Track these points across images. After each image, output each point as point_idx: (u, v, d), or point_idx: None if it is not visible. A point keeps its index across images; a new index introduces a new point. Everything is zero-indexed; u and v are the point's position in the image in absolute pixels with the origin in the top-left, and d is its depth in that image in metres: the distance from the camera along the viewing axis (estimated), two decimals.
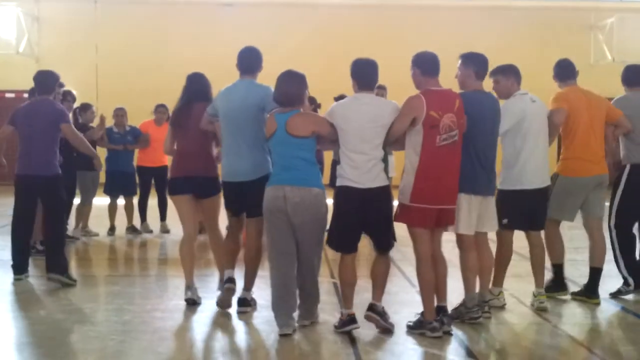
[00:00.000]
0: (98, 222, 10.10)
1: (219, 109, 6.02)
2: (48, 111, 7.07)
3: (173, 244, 8.49)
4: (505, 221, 6.09)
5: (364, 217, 5.38)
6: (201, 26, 18.75)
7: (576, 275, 7.72)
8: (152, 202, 10.47)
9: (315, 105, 9.30)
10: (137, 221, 10.32)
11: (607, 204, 6.83)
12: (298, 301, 5.59)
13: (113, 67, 17.94)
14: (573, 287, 6.82)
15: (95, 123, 9.83)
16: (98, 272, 8.04)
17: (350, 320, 5.45)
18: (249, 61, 6.09)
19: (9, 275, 7.26)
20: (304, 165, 5.40)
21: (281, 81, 5.49)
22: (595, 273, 6.55)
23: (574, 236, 11.20)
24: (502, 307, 6.21)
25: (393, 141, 5.43)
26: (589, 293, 6.53)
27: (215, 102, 6.09)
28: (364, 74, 5.44)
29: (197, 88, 6.39)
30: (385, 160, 5.50)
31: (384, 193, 5.40)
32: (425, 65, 5.45)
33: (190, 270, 6.38)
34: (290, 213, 5.35)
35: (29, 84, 7.54)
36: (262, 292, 6.46)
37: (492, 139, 5.82)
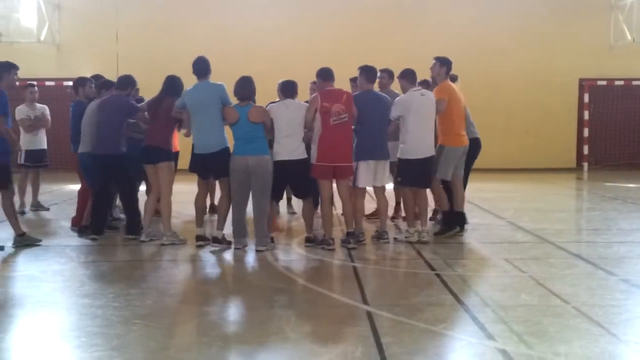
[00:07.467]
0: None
1: (187, 103, 8.08)
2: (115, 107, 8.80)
3: (189, 230, 8.54)
4: (399, 179, 8.53)
5: (291, 178, 8.10)
6: (221, 13, 18.82)
7: (595, 256, 7.72)
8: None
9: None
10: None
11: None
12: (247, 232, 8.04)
13: (133, 54, 18.05)
14: (600, 274, 6.85)
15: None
16: (120, 257, 8.15)
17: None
18: (204, 67, 8.15)
19: (42, 263, 7.49)
20: (258, 140, 7.87)
21: (239, 85, 7.92)
22: (461, 214, 8.94)
23: (592, 218, 11.18)
24: (417, 242, 8.27)
25: (309, 127, 7.98)
26: (447, 227, 8.84)
27: (184, 98, 8.12)
28: (289, 90, 8.08)
29: (169, 86, 8.39)
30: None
31: (303, 162, 8.02)
32: (324, 76, 8.13)
33: (150, 218, 8.62)
34: (251, 173, 7.79)
35: (51, 72, 7.81)
36: None
37: (382, 121, 8.26)
